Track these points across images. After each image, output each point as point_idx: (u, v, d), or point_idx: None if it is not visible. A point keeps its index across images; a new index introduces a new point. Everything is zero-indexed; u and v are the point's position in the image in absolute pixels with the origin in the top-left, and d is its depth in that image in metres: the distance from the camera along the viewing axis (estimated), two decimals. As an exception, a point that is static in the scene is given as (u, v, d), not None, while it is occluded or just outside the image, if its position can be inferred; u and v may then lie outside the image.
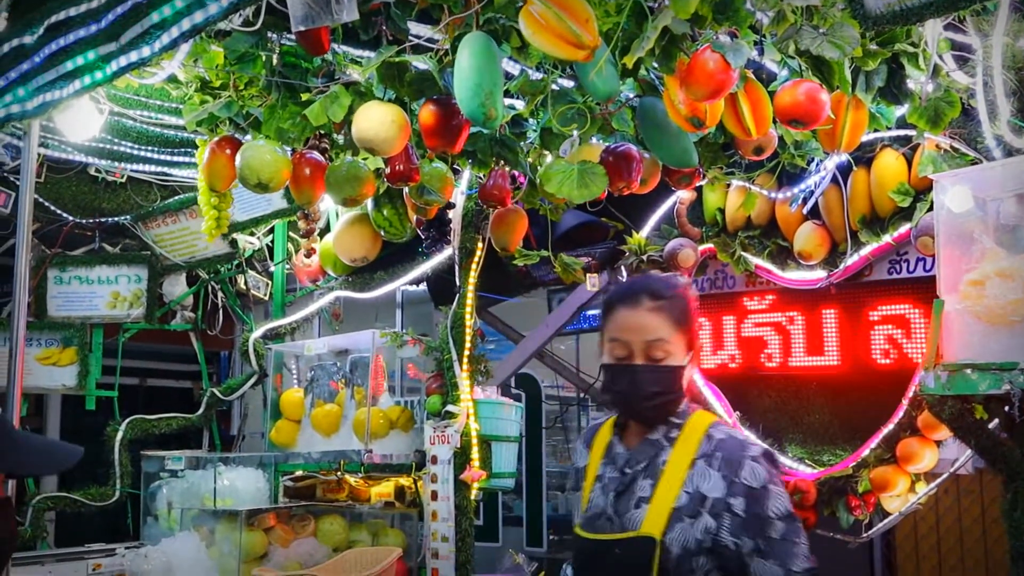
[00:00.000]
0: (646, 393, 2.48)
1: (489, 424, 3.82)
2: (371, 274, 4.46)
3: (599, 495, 2.59)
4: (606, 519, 2.54)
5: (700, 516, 2.42)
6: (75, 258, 4.85)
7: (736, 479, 2.40)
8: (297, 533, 3.82)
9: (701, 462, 2.45)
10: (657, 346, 2.45)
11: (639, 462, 2.54)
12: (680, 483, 2.46)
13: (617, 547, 2.48)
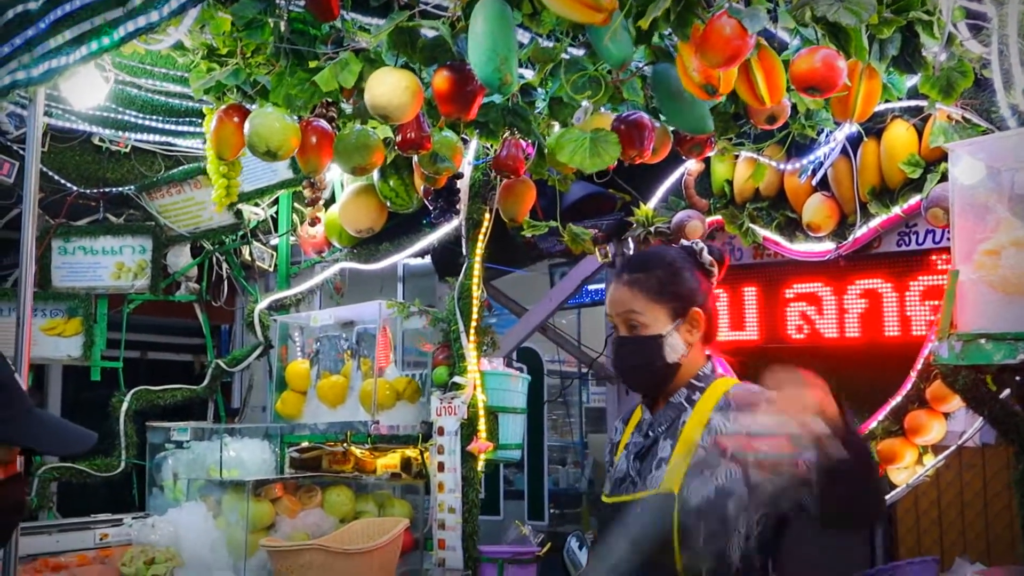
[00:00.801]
0: (629, 364, 2.56)
1: (496, 395, 3.81)
2: (376, 245, 4.44)
3: (623, 462, 2.63)
4: (629, 482, 2.59)
5: (719, 467, 2.41)
6: (79, 228, 4.82)
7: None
8: (304, 504, 3.82)
9: (717, 415, 2.46)
10: (631, 317, 2.51)
11: (661, 424, 2.57)
12: (698, 439, 2.46)
13: (639, 506, 2.49)
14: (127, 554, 3.75)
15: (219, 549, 3.71)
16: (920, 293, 3.53)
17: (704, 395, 2.52)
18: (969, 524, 5.98)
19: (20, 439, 1.64)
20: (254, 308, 4.60)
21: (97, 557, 3.94)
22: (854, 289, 3.71)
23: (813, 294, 3.82)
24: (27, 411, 1.67)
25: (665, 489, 2.45)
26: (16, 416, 1.63)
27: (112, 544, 3.90)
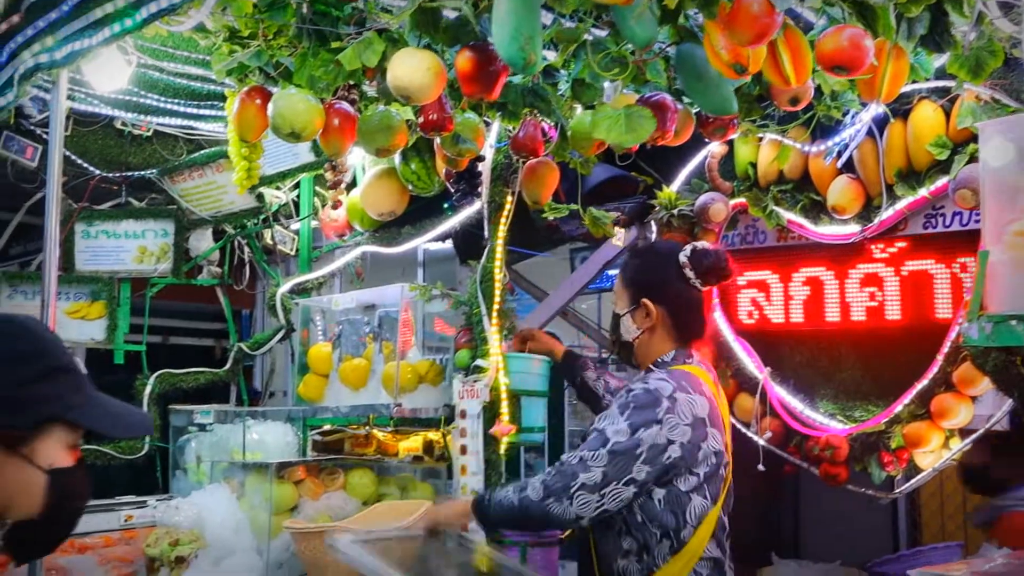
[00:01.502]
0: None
1: (518, 379, 3.80)
2: (398, 229, 4.43)
3: None
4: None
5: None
6: (102, 212, 4.84)
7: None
8: (327, 486, 3.83)
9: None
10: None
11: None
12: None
13: None
14: (152, 535, 3.77)
15: (242, 531, 3.72)
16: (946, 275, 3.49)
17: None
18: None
19: (91, 423, 1.64)
20: (276, 292, 4.60)
21: (122, 538, 3.97)
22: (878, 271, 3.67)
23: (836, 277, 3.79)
24: (94, 395, 1.67)
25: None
26: (85, 401, 1.63)
27: (137, 525, 3.93)
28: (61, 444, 1.60)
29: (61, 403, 1.59)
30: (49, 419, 1.58)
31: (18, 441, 1.55)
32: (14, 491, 1.56)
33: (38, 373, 1.57)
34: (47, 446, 1.58)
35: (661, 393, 2.66)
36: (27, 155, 4.23)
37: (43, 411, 1.57)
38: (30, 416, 1.56)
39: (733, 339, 3.98)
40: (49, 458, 1.58)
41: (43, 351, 1.61)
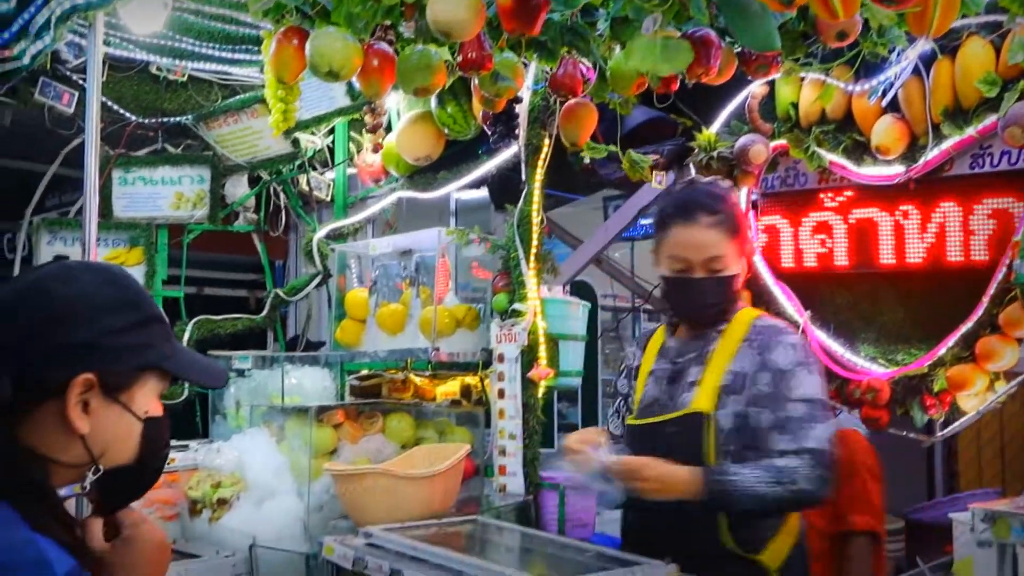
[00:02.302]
0: (706, 303, 2.71)
1: (556, 323, 3.79)
2: (434, 174, 4.42)
3: (652, 387, 2.81)
4: (659, 405, 2.76)
5: (743, 393, 2.63)
6: (139, 159, 4.85)
7: (770, 357, 2.63)
8: (365, 430, 3.85)
9: (745, 345, 2.68)
10: (716, 260, 2.65)
11: (690, 352, 2.76)
12: (726, 365, 2.67)
13: (668, 426, 2.68)
14: (193, 478, 3.81)
15: (282, 474, 3.75)
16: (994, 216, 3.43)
17: (729, 326, 2.73)
18: (1014, 456, 5.91)
19: (182, 372, 1.65)
20: (312, 237, 4.60)
21: (164, 481, 4.01)
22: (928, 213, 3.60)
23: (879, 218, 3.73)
24: (178, 345, 1.69)
25: (695, 408, 2.63)
26: (174, 350, 1.65)
27: (179, 468, 3.97)
28: (154, 392, 1.62)
29: (156, 352, 1.61)
30: (146, 367, 1.60)
31: (118, 388, 1.57)
32: (111, 438, 1.57)
33: (136, 321, 1.58)
34: (143, 394, 1.60)
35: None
36: (63, 101, 4.24)
37: (141, 359, 1.59)
38: (130, 363, 1.57)
39: (773, 283, 3.93)
40: (144, 406, 1.60)
41: (139, 300, 1.62)
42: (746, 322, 2.74)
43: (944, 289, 3.56)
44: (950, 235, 3.53)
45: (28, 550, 1.41)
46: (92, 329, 1.54)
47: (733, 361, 2.66)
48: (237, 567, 3.38)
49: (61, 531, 1.49)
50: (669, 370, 2.79)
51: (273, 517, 3.58)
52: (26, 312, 1.53)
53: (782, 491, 2.46)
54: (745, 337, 2.69)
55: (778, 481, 2.46)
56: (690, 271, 2.68)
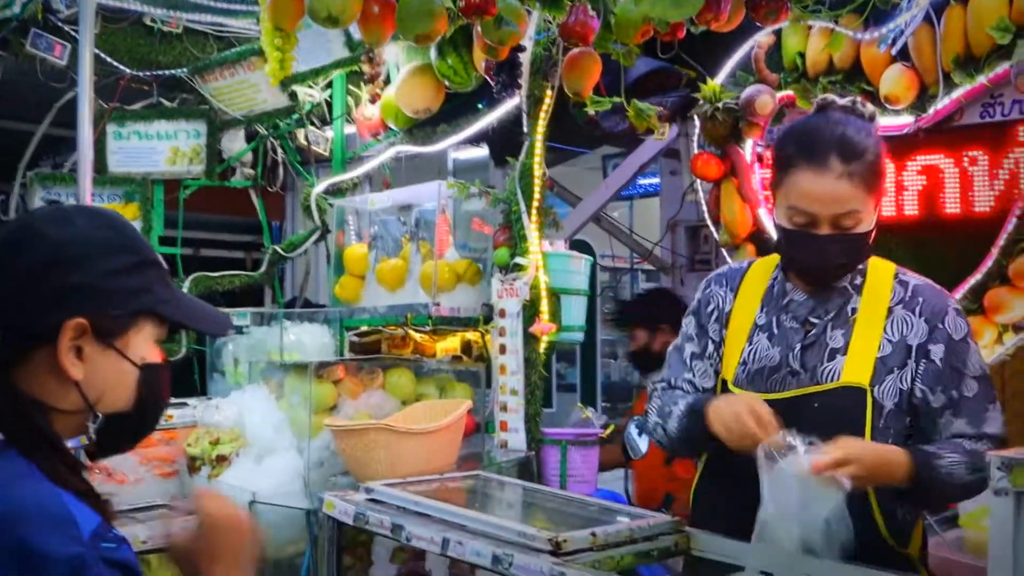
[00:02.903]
0: (834, 264, 2.27)
1: (558, 277, 3.74)
2: (433, 128, 4.34)
3: (768, 347, 2.36)
4: (788, 374, 2.32)
5: (907, 367, 2.24)
6: (133, 113, 4.77)
7: (940, 325, 2.25)
8: (366, 386, 3.80)
9: (900, 308, 2.28)
10: (848, 216, 2.20)
11: (827, 311, 2.32)
12: (879, 330, 2.26)
13: (816, 401, 2.26)
14: (192, 435, 3.77)
15: (282, 430, 3.71)
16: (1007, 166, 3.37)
17: (868, 280, 2.34)
18: (1017, 413, 5.88)
19: (180, 317, 1.62)
20: (311, 192, 4.53)
21: (162, 438, 3.97)
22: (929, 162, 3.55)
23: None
24: (177, 290, 1.65)
25: (851, 383, 2.24)
26: (172, 295, 1.61)
27: (177, 426, 3.93)
28: (151, 338, 1.58)
29: (152, 296, 1.57)
30: (142, 312, 1.55)
31: (113, 334, 1.53)
32: (108, 384, 1.54)
33: (131, 264, 1.55)
34: (139, 340, 1.56)
35: None
36: (55, 53, 4.16)
37: (137, 303, 1.55)
38: (125, 308, 1.53)
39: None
40: (141, 352, 1.56)
41: (134, 243, 1.58)
42: (888, 277, 2.35)
43: (952, 241, 3.52)
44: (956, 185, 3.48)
45: (54, 505, 1.38)
46: (86, 272, 1.50)
47: (889, 326, 2.27)
48: (237, 523, 3.35)
49: (78, 481, 1.46)
50: (800, 331, 2.33)
51: (273, 473, 3.54)
52: (19, 255, 1.49)
53: (975, 479, 2.15)
54: (899, 299, 2.30)
55: (974, 467, 2.14)
56: (814, 226, 2.22)
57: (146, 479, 3.79)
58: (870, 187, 2.21)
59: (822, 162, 2.18)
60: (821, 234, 2.21)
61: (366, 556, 3.03)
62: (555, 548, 2.17)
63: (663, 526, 2.40)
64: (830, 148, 2.19)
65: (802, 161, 2.22)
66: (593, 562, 2.20)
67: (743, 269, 2.53)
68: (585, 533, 2.26)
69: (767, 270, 2.46)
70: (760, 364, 2.34)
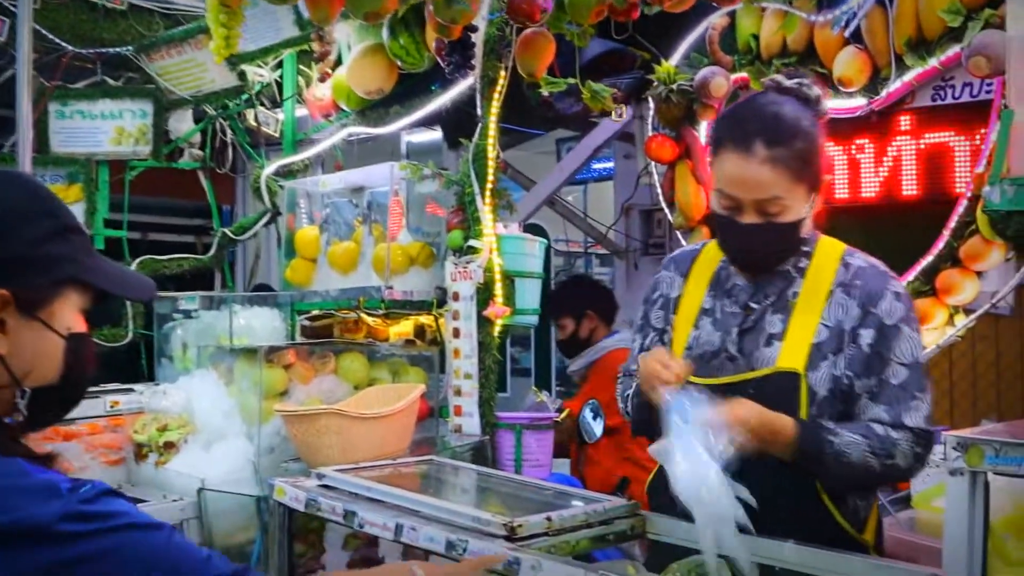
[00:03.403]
0: (758, 253, 2.23)
1: (513, 260, 3.71)
2: (386, 109, 4.29)
3: (710, 332, 2.32)
4: (726, 358, 2.28)
5: (841, 353, 2.18)
6: (76, 91, 4.65)
7: (873, 310, 2.18)
8: (318, 370, 3.74)
9: (839, 291, 2.21)
10: (771, 203, 2.14)
11: (767, 296, 2.27)
12: (817, 315, 2.20)
13: (751, 387, 2.20)
14: (139, 422, 3.70)
15: (232, 416, 3.64)
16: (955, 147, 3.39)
17: (813, 262, 2.27)
18: (980, 394, 5.97)
19: (105, 284, 1.55)
20: (260, 173, 4.45)
21: (108, 425, 3.89)
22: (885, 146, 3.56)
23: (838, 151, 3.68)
24: (100, 257, 1.59)
25: (785, 368, 2.19)
26: (96, 262, 1.55)
27: (123, 412, 3.85)
28: (76, 307, 1.52)
29: (76, 264, 1.50)
30: (66, 281, 1.49)
31: (37, 305, 1.46)
32: (34, 356, 1.47)
33: (52, 232, 1.48)
34: (64, 310, 1.50)
35: None
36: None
37: (61, 272, 1.48)
38: (47, 277, 1.47)
39: (732, 219, 3.88)
40: (66, 322, 1.50)
41: (54, 209, 1.51)
42: (834, 259, 2.26)
43: (904, 223, 3.54)
44: (908, 168, 3.49)
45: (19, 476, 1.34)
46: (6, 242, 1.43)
47: (827, 311, 2.19)
48: (185, 511, 3.28)
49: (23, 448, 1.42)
50: (740, 316, 2.29)
51: (223, 460, 3.47)
52: None
53: (876, 463, 2.10)
54: (839, 281, 2.22)
55: (874, 451, 2.10)
56: (739, 212, 2.17)
57: (91, 467, 3.70)
58: (798, 174, 2.13)
59: (746, 146, 2.13)
60: (744, 222, 2.17)
61: (318, 543, 2.98)
62: (510, 533, 2.14)
63: (619, 510, 2.38)
64: (756, 132, 2.13)
65: (729, 143, 2.18)
66: (549, 547, 2.17)
67: (695, 252, 2.48)
68: (540, 518, 2.22)
69: (717, 253, 2.40)
70: (702, 349, 2.30)
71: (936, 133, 3.44)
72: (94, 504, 1.35)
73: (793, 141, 2.12)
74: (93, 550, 1.33)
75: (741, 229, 2.17)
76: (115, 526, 1.36)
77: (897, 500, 3.15)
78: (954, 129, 3.40)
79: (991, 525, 1.72)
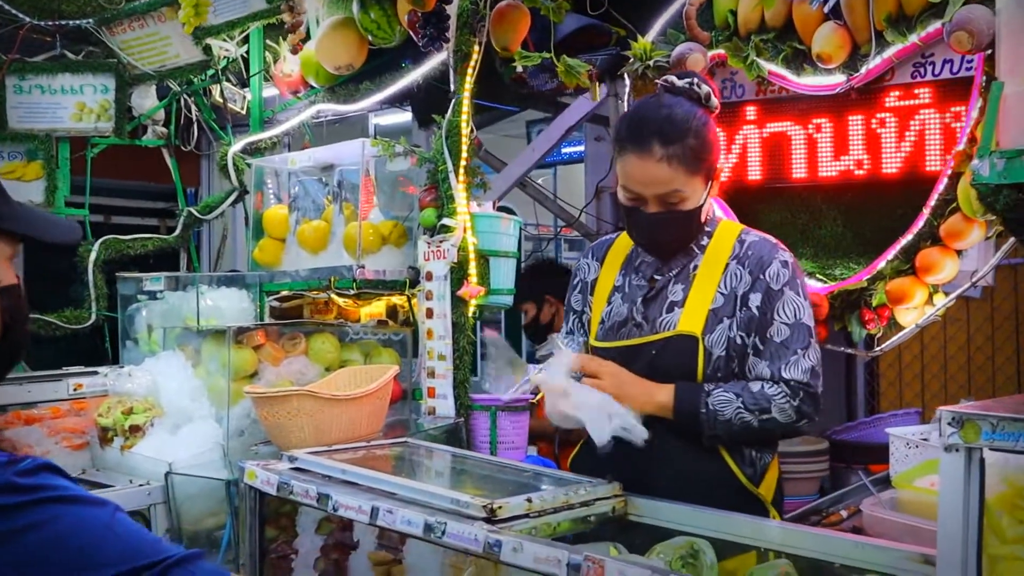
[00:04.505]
0: (663, 239, 2.49)
1: (487, 239, 3.64)
2: (356, 85, 4.19)
3: (620, 304, 2.57)
4: (633, 326, 2.53)
5: (735, 316, 2.44)
6: (35, 65, 4.51)
7: (761, 276, 2.44)
8: (288, 352, 3.66)
9: (734, 263, 2.47)
10: (671, 195, 2.39)
11: (671, 269, 2.53)
12: (714, 285, 2.46)
13: (653, 348, 2.46)
14: (103, 405, 3.61)
15: (199, 398, 3.57)
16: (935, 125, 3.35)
17: (713, 240, 2.52)
18: (951, 377, 6.00)
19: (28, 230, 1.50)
20: (227, 151, 4.34)
21: (72, 409, 3.80)
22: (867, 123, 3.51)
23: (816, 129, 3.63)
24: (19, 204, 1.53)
25: (684, 330, 2.43)
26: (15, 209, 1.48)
27: (87, 395, 3.76)
28: (3, 258, 1.44)
29: None
30: None
31: None
32: None
33: None
34: None
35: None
36: (-53, -1, 3.90)
37: None
38: None
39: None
40: None
41: None
42: (732, 237, 2.53)
43: (883, 201, 3.50)
44: (888, 146, 3.45)
45: None
46: None
47: (723, 280, 2.46)
48: (152, 495, 3.21)
49: None
50: (645, 288, 2.55)
51: (190, 443, 3.39)
52: None
53: (751, 419, 2.35)
54: (734, 255, 2.48)
55: (747, 407, 2.35)
56: (643, 205, 2.42)
57: (54, 451, 3.62)
58: (692, 168, 2.37)
59: (644, 146, 2.36)
60: (649, 212, 2.41)
61: (290, 527, 2.91)
62: (490, 515, 2.09)
63: (600, 491, 2.34)
64: (652, 133, 2.36)
65: (629, 144, 2.40)
66: (530, 529, 2.13)
67: (611, 240, 2.73)
68: (521, 499, 2.18)
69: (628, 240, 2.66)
70: (613, 320, 2.55)
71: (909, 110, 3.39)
72: (31, 477, 1.33)
73: (686, 138, 2.36)
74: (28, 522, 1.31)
75: (646, 219, 2.42)
76: (52, 497, 1.34)
77: (878, 480, 3.13)
78: (934, 106, 3.35)
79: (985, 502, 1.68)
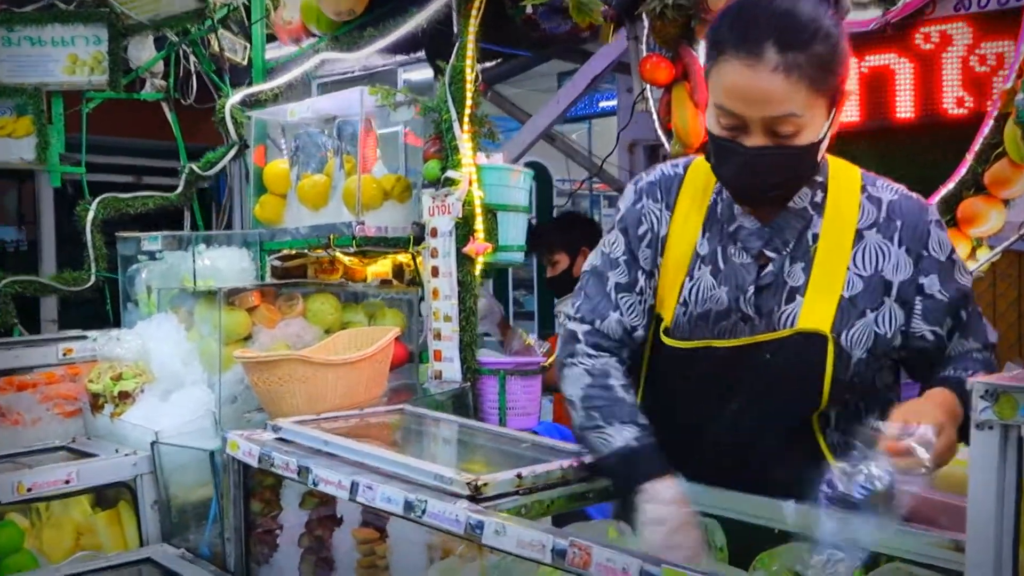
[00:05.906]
0: (766, 183, 1.84)
1: (495, 192, 3.41)
2: (359, 32, 3.98)
3: (713, 286, 1.95)
4: (740, 319, 1.93)
5: (883, 307, 1.89)
6: (23, 15, 4.32)
7: (925, 252, 1.89)
8: (284, 313, 3.46)
9: (873, 234, 1.89)
10: (784, 122, 1.75)
11: (786, 242, 1.91)
12: (845, 262, 1.88)
13: (767, 351, 1.89)
14: (94, 370, 3.44)
15: (192, 363, 3.39)
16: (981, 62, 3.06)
17: (830, 195, 1.92)
18: (1002, 335, 5.69)
19: None
20: (224, 104, 4.13)
21: (66, 374, 3.65)
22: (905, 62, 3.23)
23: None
24: None
25: (807, 329, 1.88)
26: None
27: (77, 360, 3.60)
28: None
29: None
30: None
31: None
32: None
33: None
34: None
35: None
36: (-72, -54, 3.72)
37: None
38: None
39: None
40: None
41: None
42: (854, 193, 1.93)
43: (924, 146, 3.22)
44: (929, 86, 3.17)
45: None
46: None
47: (857, 256, 1.89)
48: (139, 466, 3.04)
49: None
50: (754, 269, 1.93)
51: (181, 410, 3.21)
52: None
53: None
54: (870, 220, 1.90)
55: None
56: (743, 133, 1.79)
57: (44, 418, 3.47)
58: (817, 85, 1.74)
59: (754, 50, 1.71)
60: (749, 145, 1.78)
61: (275, 501, 2.73)
62: (475, 492, 1.89)
63: (601, 464, 2.12)
64: (766, 33, 1.71)
65: (732, 48, 1.75)
66: (519, 507, 1.92)
67: (679, 176, 2.06)
68: (510, 475, 1.97)
69: (708, 177, 1.99)
70: (705, 306, 1.95)
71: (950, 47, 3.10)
72: None
73: (812, 44, 1.72)
74: None
75: (745, 154, 1.78)
76: None
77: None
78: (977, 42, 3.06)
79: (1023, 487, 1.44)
